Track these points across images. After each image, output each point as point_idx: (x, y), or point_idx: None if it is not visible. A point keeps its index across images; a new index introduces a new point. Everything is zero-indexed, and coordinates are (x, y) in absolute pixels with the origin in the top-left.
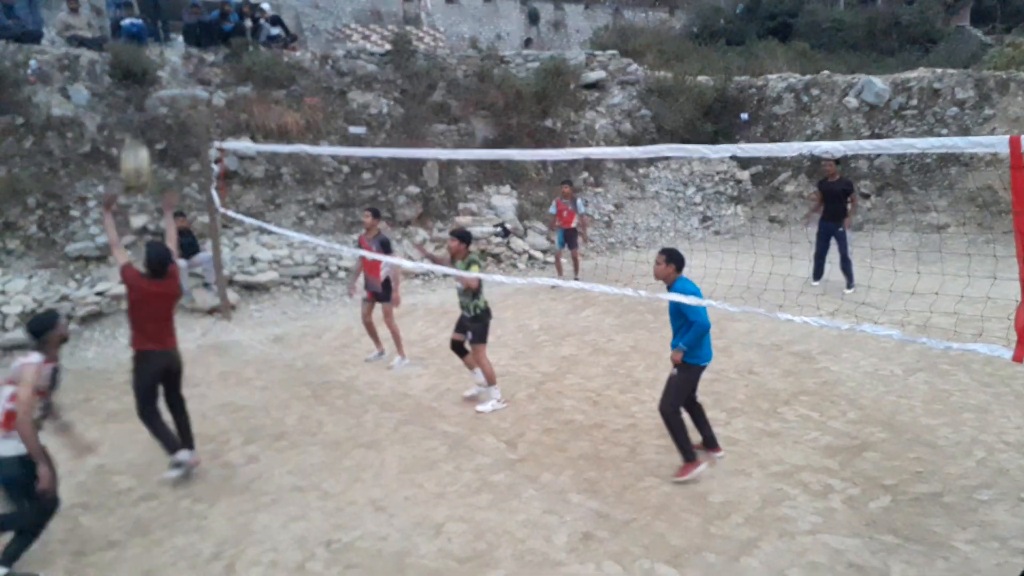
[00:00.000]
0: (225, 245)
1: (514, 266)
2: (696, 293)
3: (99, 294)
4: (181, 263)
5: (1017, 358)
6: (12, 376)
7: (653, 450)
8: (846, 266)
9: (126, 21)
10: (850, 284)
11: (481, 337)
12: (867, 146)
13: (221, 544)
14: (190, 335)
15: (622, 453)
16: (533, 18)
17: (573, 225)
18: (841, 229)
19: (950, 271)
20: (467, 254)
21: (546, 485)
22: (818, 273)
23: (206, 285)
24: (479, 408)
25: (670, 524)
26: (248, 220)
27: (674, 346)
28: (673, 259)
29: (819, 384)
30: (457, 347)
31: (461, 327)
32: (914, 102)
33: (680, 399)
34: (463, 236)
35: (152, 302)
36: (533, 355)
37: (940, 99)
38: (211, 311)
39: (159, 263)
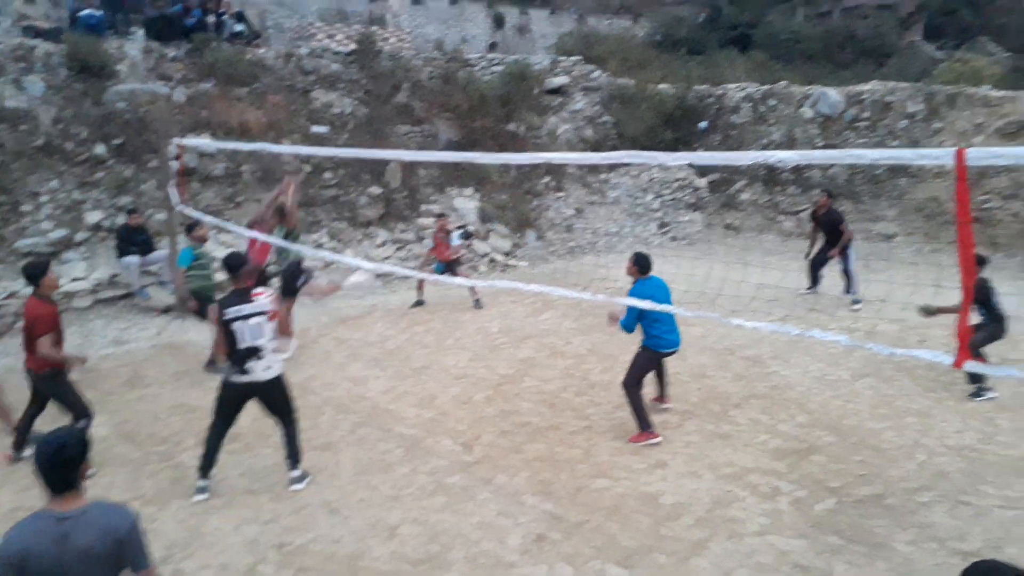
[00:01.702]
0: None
1: (475, 269)
2: (658, 292)
3: None
4: (134, 260)
5: (957, 364)
6: (269, 311)
7: (607, 452)
8: (847, 279)
9: (84, 12)
10: (853, 296)
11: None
12: (819, 156)
13: (170, 547)
14: (144, 334)
15: (577, 455)
16: (498, 22)
17: (451, 257)
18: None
19: (898, 279)
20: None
21: (501, 487)
22: (813, 281)
23: (161, 284)
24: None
25: (622, 525)
26: (207, 218)
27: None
28: (637, 261)
29: (769, 388)
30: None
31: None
32: (867, 114)
33: (638, 376)
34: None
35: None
36: (491, 357)
37: (892, 112)
38: (165, 310)
39: None
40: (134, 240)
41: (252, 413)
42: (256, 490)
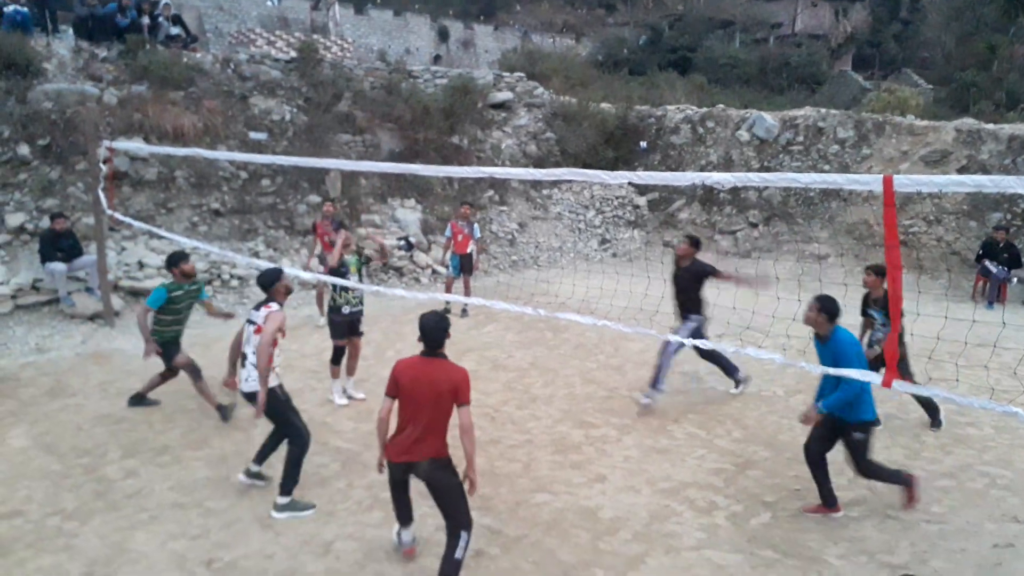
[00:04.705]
0: (111, 249)
1: (417, 280)
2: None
3: None
4: (60, 267)
5: (886, 383)
6: (259, 323)
7: (547, 466)
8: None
9: (9, 8)
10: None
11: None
12: (755, 179)
13: (91, 564)
14: (69, 342)
15: (517, 469)
16: (443, 35)
17: (469, 251)
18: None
19: None
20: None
21: None
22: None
23: (88, 290)
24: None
25: (560, 540)
26: (137, 224)
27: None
28: (824, 309)
29: (706, 403)
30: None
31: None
32: (800, 138)
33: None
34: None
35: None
36: None
37: (824, 137)
38: (92, 317)
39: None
40: (59, 245)
41: (182, 425)
42: (186, 504)
